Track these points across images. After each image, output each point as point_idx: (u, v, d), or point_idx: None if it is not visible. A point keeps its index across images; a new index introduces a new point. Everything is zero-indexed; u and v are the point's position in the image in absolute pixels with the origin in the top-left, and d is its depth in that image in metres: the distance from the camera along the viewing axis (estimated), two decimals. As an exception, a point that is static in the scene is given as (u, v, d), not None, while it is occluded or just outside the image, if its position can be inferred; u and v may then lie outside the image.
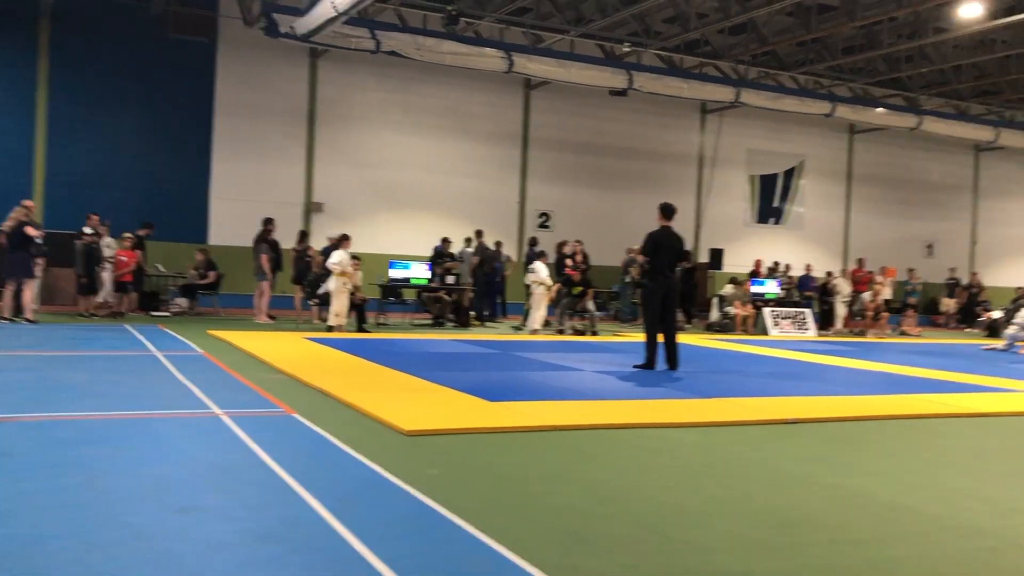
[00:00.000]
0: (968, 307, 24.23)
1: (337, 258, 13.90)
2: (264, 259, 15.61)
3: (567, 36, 19.27)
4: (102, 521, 3.81)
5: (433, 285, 16.55)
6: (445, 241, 17.89)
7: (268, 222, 16.13)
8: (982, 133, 24.52)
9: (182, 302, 16.41)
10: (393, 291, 16.63)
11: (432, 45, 17.70)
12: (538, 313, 15.58)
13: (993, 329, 21.76)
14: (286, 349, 10.75)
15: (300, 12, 15.80)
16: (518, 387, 8.34)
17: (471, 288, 17.19)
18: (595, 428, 6.42)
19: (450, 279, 16.63)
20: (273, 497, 4.33)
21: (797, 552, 3.83)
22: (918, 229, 27.55)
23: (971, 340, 20.07)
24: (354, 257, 14.54)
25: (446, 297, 16.71)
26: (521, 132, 22.25)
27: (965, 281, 25.03)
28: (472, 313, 17.16)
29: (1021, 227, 29.40)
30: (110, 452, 5.11)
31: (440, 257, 17.40)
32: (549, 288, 15.83)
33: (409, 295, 17.29)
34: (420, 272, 16.41)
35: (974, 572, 3.68)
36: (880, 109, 23.19)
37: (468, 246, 18.00)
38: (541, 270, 15.66)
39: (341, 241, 14.40)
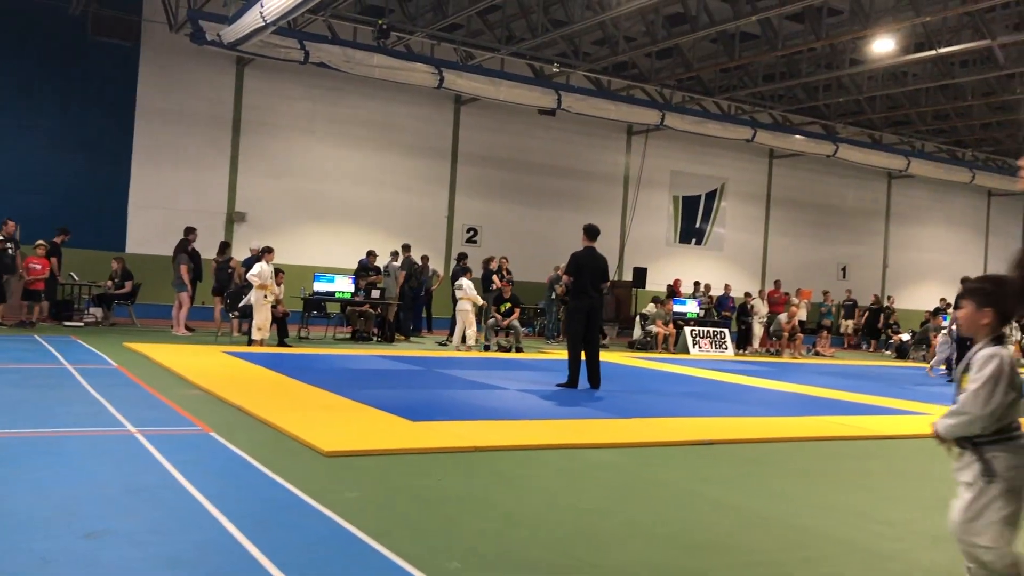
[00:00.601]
0: (871, 328, 25.13)
1: (258, 270, 13.68)
2: (183, 269, 15.30)
3: (498, 54, 19.41)
4: (4, 547, 3.68)
5: (357, 299, 16.42)
6: (370, 254, 17.77)
7: (189, 231, 15.83)
8: (894, 162, 25.55)
9: (97, 312, 15.91)
10: (316, 304, 16.44)
11: (362, 58, 17.63)
12: (468, 330, 15.59)
13: (902, 351, 22.68)
14: (204, 363, 10.53)
15: (227, 20, 15.56)
16: (440, 406, 8.35)
17: (397, 302, 17.10)
18: (515, 449, 6.46)
19: (375, 293, 16.53)
20: (186, 520, 4.25)
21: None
22: (833, 252, 28.50)
23: (881, 362, 20.83)
24: (278, 270, 14.34)
25: (371, 311, 16.59)
26: (450, 147, 22.29)
27: (864, 303, 25.87)
28: (398, 328, 17.08)
29: (929, 252, 30.68)
30: (15, 473, 4.94)
31: (364, 271, 17.28)
32: (477, 305, 15.86)
33: (333, 308, 17.11)
34: (345, 286, 16.28)
35: (874, 594, 3.84)
36: (799, 136, 23.97)
37: (395, 260, 17.91)
38: (468, 286, 15.69)
39: (263, 253, 14.18)
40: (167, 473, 5.11)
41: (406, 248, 18.11)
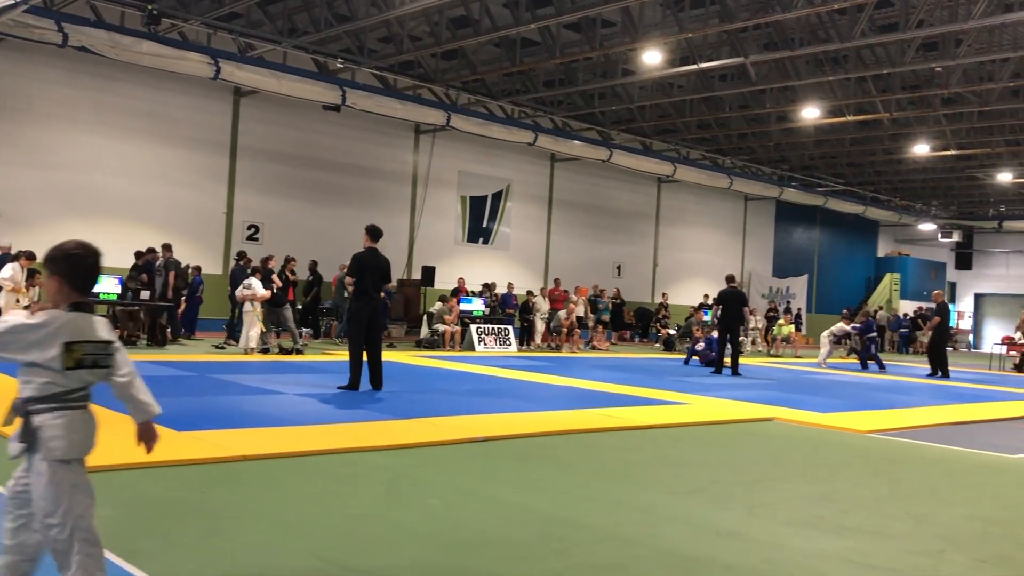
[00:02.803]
0: (616, 321, 26.87)
1: (9, 272, 12.56)
2: (-82, 269, 13.75)
3: (279, 47, 18.88)
4: None
5: (126, 301, 15.44)
6: (147, 252, 16.74)
7: (-75, 228, 14.25)
8: (663, 167, 27.31)
9: None
10: (80, 307, 15.27)
11: (129, 44, 16.56)
12: (252, 331, 15.06)
13: (669, 344, 24.30)
14: (-58, 374, 9.51)
15: (-30, -6, 14.12)
16: (211, 414, 8.03)
17: (169, 304, 16.23)
18: (287, 456, 6.36)
19: (145, 294, 15.60)
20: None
21: (470, 573, 4.06)
22: (609, 252, 30.04)
23: (650, 354, 22.23)
24: (33, 271, 13.20)
25: (140, 314, 15.65)
26: (229, 140, 21.41)
27: (640, 299, 27.51)
28: (169, 331, 16.22)
29: (694, 252, 33.06)
30: None
31: (136, 271, 16.27)
32: (264, 306, 15.33)
33: (99, 311, 15.97)
34: (111, 287, 15.25)
35: (621, 578, 4.12)
36: (577, 141, 25.07)
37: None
38: (257, 287, 15.13)
39: (19, 256, 12.99)
40: None
41: (167, 248, 17.03)
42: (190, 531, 4.46)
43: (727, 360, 16.30)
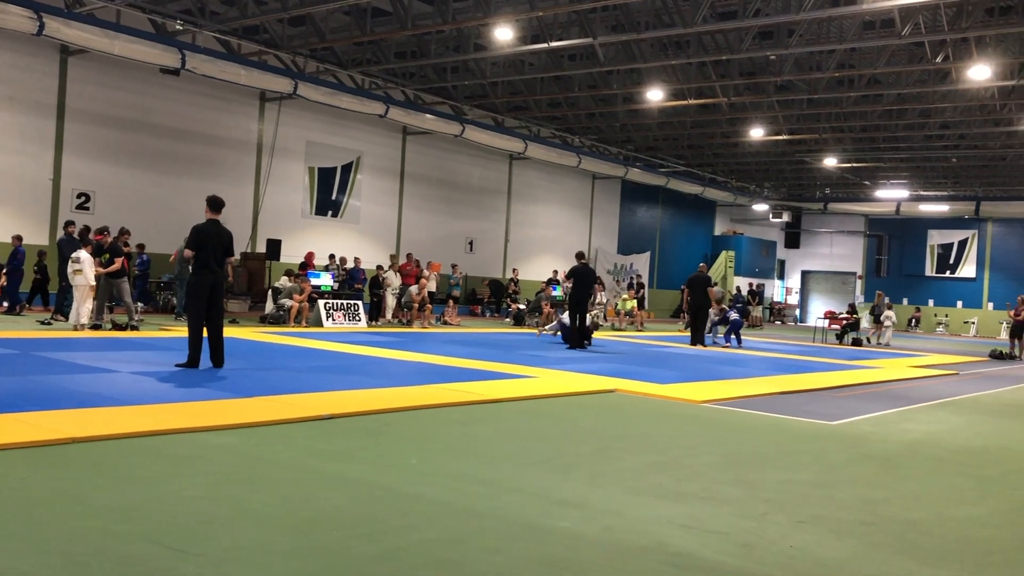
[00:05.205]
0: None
1: None
2: None
3: (112, 4, 17.70)
4: None
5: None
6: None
7: None
8: (514, 144, 27.56)
9: None
10: None
11: (-62, -8, 15.13)
12: (83, 306, 14.16)
13: (519, 318, 24.70)
14: None
15: None
16: (34, 394, 7.52)
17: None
18: (121, 438, 6.05)
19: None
20: None
21: (312, 552, 4.00)
22: (461, 227, 30.10)
23: (501, 329, 22.51)
24: None
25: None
26: (56, 102, 19.93)
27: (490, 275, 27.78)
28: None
29: (544, 228, 33.61)
30: None
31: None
32: (90, 283, 14.45)
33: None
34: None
35: (468, 552, 4.17)
36: (429, 115, 24.89)
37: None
38: (86, 260, 14.22)
39: None
40: None
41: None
42: (11, 522, 4.17)
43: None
